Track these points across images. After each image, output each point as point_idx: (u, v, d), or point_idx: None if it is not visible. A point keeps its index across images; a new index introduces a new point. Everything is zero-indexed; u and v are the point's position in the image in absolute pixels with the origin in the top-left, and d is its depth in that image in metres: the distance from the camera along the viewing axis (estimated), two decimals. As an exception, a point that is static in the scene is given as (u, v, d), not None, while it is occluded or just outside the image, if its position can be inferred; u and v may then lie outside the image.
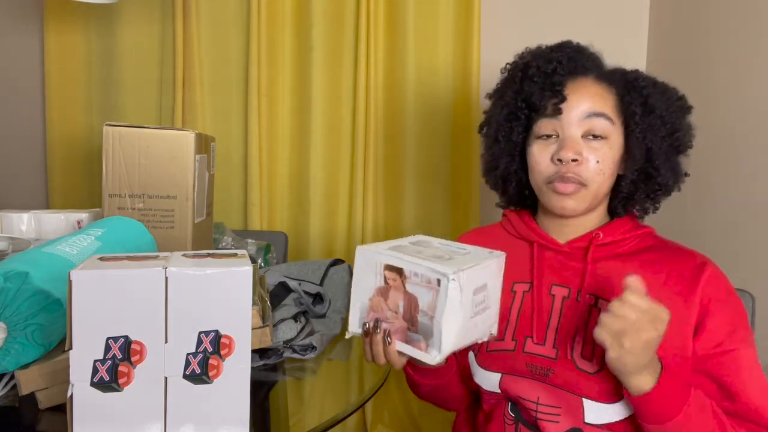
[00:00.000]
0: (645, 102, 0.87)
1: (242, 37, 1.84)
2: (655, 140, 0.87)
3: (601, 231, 0.88)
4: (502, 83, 0.95)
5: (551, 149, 0.86)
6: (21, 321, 0.75)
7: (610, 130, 0.85)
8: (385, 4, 1.79)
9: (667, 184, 0.90)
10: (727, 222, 1.38)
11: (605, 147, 0.85)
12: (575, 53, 0.89)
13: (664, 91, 0.89)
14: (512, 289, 0.90)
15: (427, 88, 1.79)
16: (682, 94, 0.91)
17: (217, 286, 0.64)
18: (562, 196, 0.85)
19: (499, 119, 0.93)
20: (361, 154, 1.80)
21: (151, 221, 1.09)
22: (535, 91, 0.87)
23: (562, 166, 0.84)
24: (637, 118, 0.86)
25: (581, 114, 0.84)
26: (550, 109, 0.85)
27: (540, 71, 0.87)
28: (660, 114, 0.87)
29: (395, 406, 1.86)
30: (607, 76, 0.89)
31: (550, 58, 0.88)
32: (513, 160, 0.94)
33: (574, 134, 0.84)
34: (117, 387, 0.62)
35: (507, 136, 0.92)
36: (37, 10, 1.94)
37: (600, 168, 0.84)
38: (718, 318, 0.81)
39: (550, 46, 0.91)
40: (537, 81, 0.87)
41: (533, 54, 0.91)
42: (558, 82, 0.86)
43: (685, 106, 0.90)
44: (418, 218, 1.83)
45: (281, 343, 0.98)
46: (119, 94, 1.90)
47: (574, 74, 0.87)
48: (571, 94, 0.85)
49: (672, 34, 1.66)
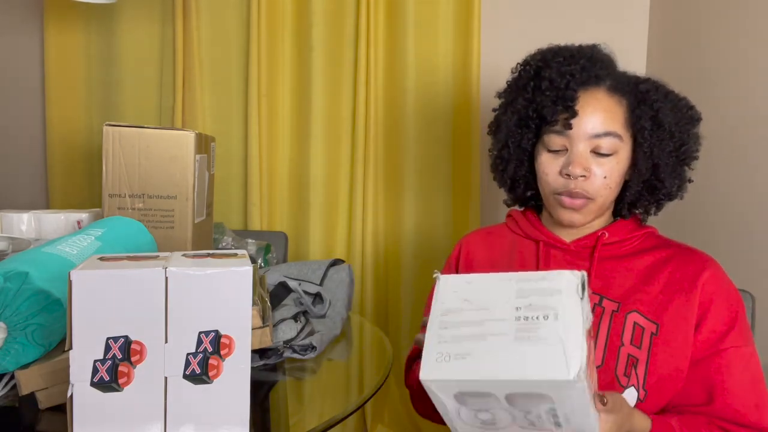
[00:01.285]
0: (655, 116, 0.87)
1: (242, 37, 1.83)
2: (662, 155, 0.88)
3: (606, 230, 0.89)
4: (513, 85, 0.94)
5: (560, 162, 0.86)
6: (21, 321, 0.75)
7: (619, 146, 0.86)
8: (385, 4, 1.79)
9: (670, 193, 0.91)
10: (728, 222, 1.38)
11: (613, 162, 0.85)
12: (588, 62, 0.88)
13: (675, 103, 0.89)
14: None
15: (427, 88, 1.79)
16: (692, 105, 0.91)
17: (217, 286, 0.64)
18: (570, 210, 0.87)
19: (510, 125, 0.92)
20: (361, 154, 1.80)
21: (151, 221, 1.09)
22: (547, 104, 0.86)
23: (570, 180, 0.85)
24: (646, 133, 0.87)
25: (591, 131, 0.84)
26: (561, 123, 0.85)
27: (552, 85, 0.86)
28: (669, 129, 0.87)
29: (395, 406, 1.86)
30: (619, 86, 0.88)
31: (563, 72, 0.86)
32: (522, 164, 0.94)
33: (583, 150, 0.85)
34: (117, 387, 0.62)
35: (517, 142, 0.92)
36: (37, 10, 1.94)
37: (607, 183, 0.85)
38: (717, 317, 0.82)
39: (563, 53, 0.89)
40: (549, 95, 0.86)
41: (546, 61, 0.89)
42: (570, 97, 0.85)
43: (694, 117, 0.91)
44: (419, 218, 1.83)
45: (281, 343, 0.98)
46: (119, 94, 1.90)
47: (586, 85, 0.86)
48: (583, 108, 0.85)
49: (672, 34, 1.66)
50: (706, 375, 0.81)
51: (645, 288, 0.85)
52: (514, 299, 0.59)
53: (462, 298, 0.61)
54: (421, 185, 1.82)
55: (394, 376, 1.79)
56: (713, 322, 0.82)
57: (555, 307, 0.57)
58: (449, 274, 1.02)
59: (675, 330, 0.82)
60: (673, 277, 0.85)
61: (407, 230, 1.83)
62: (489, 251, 1.00)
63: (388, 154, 1.83)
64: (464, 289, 0.61)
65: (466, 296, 0.61)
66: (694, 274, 0.84)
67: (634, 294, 0.85)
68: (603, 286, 0.86)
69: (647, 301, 0.84)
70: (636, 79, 0.91)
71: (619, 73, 0.91)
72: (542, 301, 0.58)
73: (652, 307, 0.84)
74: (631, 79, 0.91)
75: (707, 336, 0.82)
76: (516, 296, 0.59)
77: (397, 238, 1.84)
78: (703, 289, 0.83)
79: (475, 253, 1.01)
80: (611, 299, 0.85)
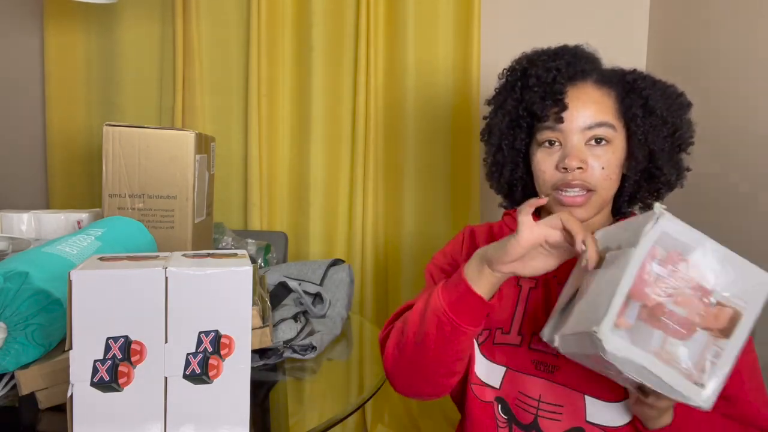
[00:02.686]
0: (645, 103, 0.87)
1: (242, 37, 1.83)
2: (657, 141, 0.87)
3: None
4: (501, 90, 0.95)
5: (555, 157, 0.86)
6: (21, 321, 0.75)
7: (613, 135, 0.85)
8: (385, 4, 1.79)
9: (670, 181, 0.91)
10: (728, 222, 1.39)
11: (609, 152, 0.85)
12: (573, 58, 0.89)
13: (663, 90, 0.90)
14: (518, 283, 0.91)
15: (427, 88, 1.79)
16: (681, 91, 0.91)
17: (217, 286, 0.64)
18: (570, 207, 0.86)
19: (501, 127, 0.92)
20: (361, 153, 1.80)
21: (151, 221, 1.09)
22: (536, 100, 0.86)
23: (567, 173, 0.85)
24: (638, 120, 0.87)
25: (583, 124, 0.84)
26: (551, 117, 0.85)
27: (540, 81, 0.87)
28: (661, 114, 0.87)
29: (395, 406, 1.86)
30: (606, 78, 0.88)
31: (549, 67, 0.87)
32: (518, 166, 0.94)
33: (577, 143, 0.85)
34: (117, 387, 0.62)
35: (510, 144, 0.92)
36: (37, 10, 1.94)
37: (606, 173, 0.85)
38: None
39: (546, 52, 0.91)
40: (537, 90, 0.86)
41: (531, 61, 0.90)
42: (558, 91, 0.85)
43: (685, 103, 0.91)
44: (419, 218, 1.83)
45: (281, 343, 0.98)
46: (119, 94, 1.90)
47: (573, 80, 0.87)
48: (572, 102, 0.85)
49: (672, 34, 1.66)
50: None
51: None
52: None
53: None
54: (421, 185, 1.82)
55: (394, 376, 1.79)
56: None
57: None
58: (454, 253, 1.01)
59: None
60: None
61: (407, 230, 1.83)
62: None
63: (388, 154, 1.83)
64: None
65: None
66: None
67: None
68: None
69: None
70: (621, 71, 0.92)
71: (605, 68, 0.92)
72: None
73: None
74: (616, 72, 0.91)
75: None
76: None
77: (397, 238, 1.84)
78: None
79: (479, 245, 1.01)
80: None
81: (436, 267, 0.99)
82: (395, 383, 0.88)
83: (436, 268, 0.99)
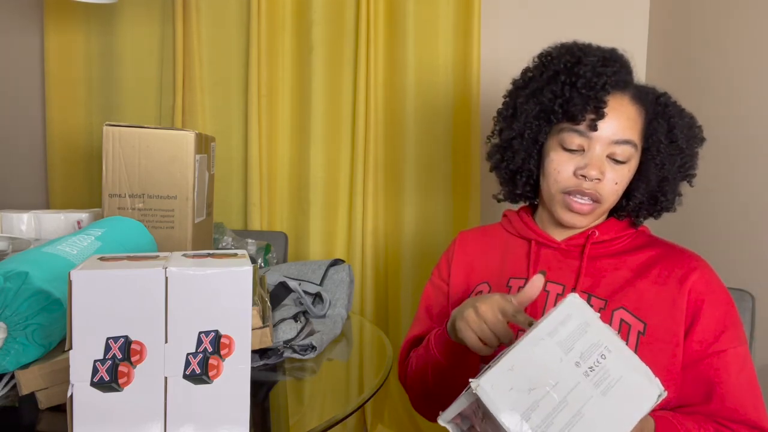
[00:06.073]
0: (671, 131, 0.88)
1: (242, 37, 1.83)
2: (671, 170, 0.90)
3: (597, 229, 0.90)
4: (538, 76, 0.91)
5: (575, 162, 0.86)
6: (21, 321, 0.75)
7: (632, 154, 0.87)
8: (385, 4, 1.79)
9: (669, 207, 0.93)
10: (727, 222, 1.38)
11: (625, 169, 0.87)
12: (621, 67, 0.88)
13: (687, 120, 0.91)
14: (508, 284, 0.92)
15: (427, 88, 1.79)
16: (700, 124, 0.93)
17: (217, 286, 0.64)
18: (576, 214, 0.87)
19: (529, 116, 0.90)
20: (361, 153, 1.80)
21: (151, 221, 1.09)
22: (578, 102, 0.85)
23: (584, 181, 0.85)
24: (661, 146, 0.88)
25: (613, 136, 0.85)
26: (586, 124, 0.85)
27: (589, 85, 0.85)
28: (680, 145, 0.89)
29: (395, 406, 1.86)
30: (642, 95, 0.89)
31: (599, 72, 0.85)
32: (530, 157, 0.92)
33: (600, 154, 0.85)
34: (117, 387, 0.62)
35: (533, 134, 0.90)
36: (37, 10, 1.94)
37: (617, 188, 0.87)
38: (708, 318, 0.82)
39: (596, 53, 0.88)
40: (583, 93, 0.85)
41: (579, 59, 0.87)
42: (602, 99, 0.84)
43: (700, 137, 0.93)
44: (418, 218, 1.83)
45: (281, 343, 0.98)
46: (119, 94, 1.90)
47: (615, 89, 0.86)
48: (610, 112, 0.85)
49: (672, 34, 1.66)
50: (704, 377, 0.81)
51: (633, 286, 0.86)
52: (565, 357, 0.61)
53: (520, 390, 0.58)
54: (421, 185, 1.82)
55: (394, 376, 1.79)
56: (706, 323, 0.82)
57: (599, 342, 0.62)
58: (441, 267, 1.03)
59: (662, 329, 0.82)
60: (661, 276, 0.86)
61: (407, 230, 1.83)
62: (483, 250, 1.00)
63: (388, 154, 1.83)
64: (513, 379, 0.59)
65: (520, 385, 0.58)
66: (683, 275, 0.85)
67: (621, 291, 0.85)
68: (592, 284, 0.87)
69: (635, 298, 0.84)
70: (654, 91, 0.92)
71: (639, 83, 0.92)
72: (585, 342, 0.62)
73: (640, 305, 0.84)
74: (649, 91, 0.91)
75: (701, 338, 0.82)
76: (564, 353, 0.61)
77: (397, 238, 1.84)
78: (692, 289, 0.83)
79: (469, 251, 1.01)
80: (599, 297, 0.85)
81: (432, 285, 1.04)
82: (417, 408, 1.00)
83: (432, 286, 1.04)
